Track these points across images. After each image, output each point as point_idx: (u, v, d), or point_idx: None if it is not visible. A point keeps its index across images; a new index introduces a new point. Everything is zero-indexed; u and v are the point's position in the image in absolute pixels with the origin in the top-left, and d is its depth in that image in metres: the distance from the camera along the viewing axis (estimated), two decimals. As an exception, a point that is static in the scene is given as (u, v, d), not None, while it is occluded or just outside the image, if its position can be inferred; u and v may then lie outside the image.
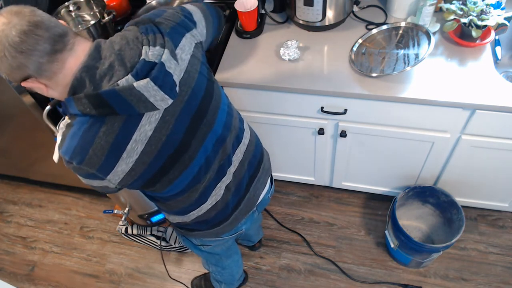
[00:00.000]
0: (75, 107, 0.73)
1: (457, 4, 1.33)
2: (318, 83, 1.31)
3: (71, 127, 0.76)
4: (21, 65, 0.68)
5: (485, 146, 1.36)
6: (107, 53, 0.74)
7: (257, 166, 1.06)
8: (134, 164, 0.79)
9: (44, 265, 1.92)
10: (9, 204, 2.19)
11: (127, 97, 0.72)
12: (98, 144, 0.75)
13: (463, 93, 1.22)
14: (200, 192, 0.94)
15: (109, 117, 0.74)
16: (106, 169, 0.78)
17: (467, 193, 1.65)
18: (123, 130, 0.75)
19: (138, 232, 1.80)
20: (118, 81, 0.72)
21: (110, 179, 0.80)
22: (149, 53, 0.75)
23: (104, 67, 0.73)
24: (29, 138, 1.75)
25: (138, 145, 0.77)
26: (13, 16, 0.67)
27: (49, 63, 0.70)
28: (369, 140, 1.50)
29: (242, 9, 1.45)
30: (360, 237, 1.81)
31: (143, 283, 1.80)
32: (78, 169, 0.78)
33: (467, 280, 1.63)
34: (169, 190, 0.89)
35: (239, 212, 1.06)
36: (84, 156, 0.75)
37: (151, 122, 0.77)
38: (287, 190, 2.01)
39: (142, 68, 0.73)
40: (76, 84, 0.73)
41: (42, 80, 0.72)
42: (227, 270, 1.41)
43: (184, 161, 0.85)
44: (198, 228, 1.05)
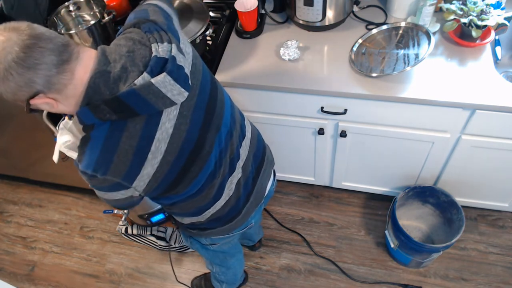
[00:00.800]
0: (93, 116, 0.72)
1: (457, 4, 1.33)
2: (318, 83, 1.31)
3: (88, 140, 0.74)
4: (29, 82, 0.66)
5: (485, 146, 1.36)
6: (115, 56, 0.73)
7: (262, 158, 1.08)
8: (159, 165, 0.78)
9: (44, 265, 1.92)
10: (9, 204, 2.19)
11: (146, 96, 0.71)
12: (123, 150, 0.73)
13: (463, 93, 1.22)
14: (216, 188, 0.94)
15: (130, 119, 0.73)
16: (132, 175, 0.76)
17: (467, 193, 1.65)
18: (145, 130, 0.74)
19: (138, 232, 1.80)
20: (134, 81, 0.72)
21: (135, 186, 0.78)
22: (159, 50, 0.75)
23: (116, 70, 0.72)
24: (29, 138, 1.75)
25: (161, 144, 0.76)
26: (10, 32, 0.65)
27: (58, 75, 0.67)
28: (369, 140, 1.50)
29: (242, 9, 1.45)
30: (360, 237, 1.81)
31: (143, 283, 1.80)
32: (102, 181, 0.76)
33: (467, 280, 1.63)
34: (189, 189, 0.89)
35: (250, 206, 1.07)
36: (109, 165, 0.74)
37: (170, 119, 0.76)
38: (287, 190, 2.01)
39: (156, 64, 0.74)
40: (90, 93, 0.71)
41: (52, 94, 0.69)
42: (231, 269, 1.42)
43: (203, 157, 0.85)
44: (212, 226, 1.05)
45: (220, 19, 1.60)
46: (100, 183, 0.77)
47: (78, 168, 0.77)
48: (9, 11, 1.34)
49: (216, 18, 1.60)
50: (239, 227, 1.11)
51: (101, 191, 0.81)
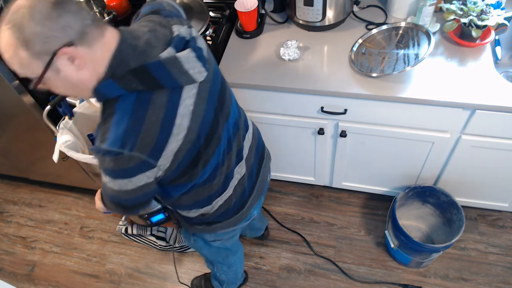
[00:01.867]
0: (118, 87, 0.71)
1: (457, 4, 1.33)
2: (318, 83, 1.32)
3: (113, 114, 0.72)
4: (67, 26, 0.64)
5: (485, 146, 1.36)
6: (139, 33, 0.75)
7: (262, 152, 1.12)
8: (182, 142, 0.77)
9: (44, 265, 1.92)
10: (9, 204, 2.19)
11: (170, 69, 0.73)
12: (149, 121, 0.72)
13: (463, 93, 1.22)
14: (224, 176, 0.96)
15: (155, 91, 0.73)
16: (158, 149, 0.75)
17: (467, 193, 1.65)
18: (170, 103, 0.74)
19: (138, 232, 1.80)
20: (160, 54, 0.73)
21: (160, 165, 0.77)
22: (181, 30, 0.78)
23: (141, 44, 0.73)
24: (29, 138, 1.75)
25: (184, 120, 0.76)
26: None
27: (93, 26, 0.68)
28: (369, 140, 1.50)
29: (242, 9, 1.45)
30: (360, 237, 1.81)
31: (143, 283, 1.80)
32: (128, 160, 0.73)
33: (467, 280, 1.63)
34: (202, 174, 0.89)
35: (253, 198, 1.10)
36: (136, 138, 0.71)
37: (190, 97, 0.77)
38: (287, 190, 2.01)
39: (179, 42, 0.76)
40: (115, 63, 0.71)
41: (82, 49, 0.67)
42: (232, 268, 1.42)
43: (215, 140, 0.86)
44: (218, 219, 1.06)
45: (220, 19, 1.60)
46: (125, 164, 0.73)
47: (99, 151, 0.73)
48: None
49: (216, 18, 1.60)
50: (244, 219, 1.12)
51: (126, 177, 0.76)
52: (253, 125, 1.10)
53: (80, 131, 1.37)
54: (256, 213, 1.18)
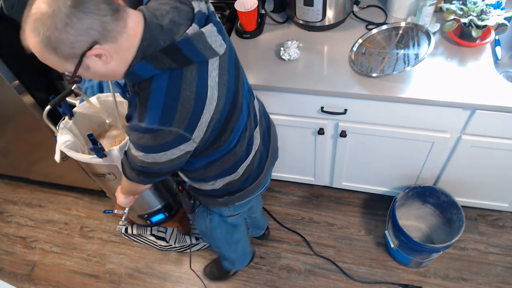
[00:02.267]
0: (152, 67, 0.74)
1: (457, 4, 1.33)
2: (318, 83, 1.32)
3: (149, 94, 0.75)
4: (88, 28, 0.66)
5: (485, 146, 1.36)
6: (161, 12, 0.76)
7: (268, 118, 1.17)
8: (213, 112, 0.81)
9: (44, 265, 1.92)
10: (9, 204, 2.19)
11: (197, 44, 0.75)
12: (185, 96, 0.76)
13: (463, 93, 1.22)
14: (247, 141, 1.00)
15: (185, 67, 0.76)
16: (194, 122, 0.78)
17: (467, 193, 1.65)
18: (199, 77, 0.77)
19: (138, 232, 1.80)
20: (186, 31, 0.75)
21: (195, 137, 0.80)
22: (201, 6, 0.81)
23: (166, 23, 0.75)
24: (29, 138, 1.75)
25: (214, 91, 0.80)
26: None
27: (114, 22, 0.68)
28: (369, 140, 1.50)
29: (242, 9, 1.45)
30: (360, 237, 1.81)
31: (143, 283, 1.80)
32: (167, 135, 0.77)
33: (467, 280, 1.63)
34: (229, 142, 0.92)
35: (268, 162, 1.15)
36: (174, 113, 0.75)
37: (215, 69, 0.81)
38: (287, 190, 2.01)
39: (201, 18, 0.79)
40: (145, 45, 0.73)
41: (107, 45, 0.69)
42: (239, 243, 1.49)
43: (239, 107, 0.90)
44: (241, 186, 1.10)
45: (220, 19, 1.59)
46: (163, 139, 0.77)
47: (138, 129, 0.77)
48: (9, 11, 1.34)
49: (216, 18, 1.60)
50: (261, 186, 1.18)
51: (161, 151, 0.80)
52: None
53: (80, 131, 1.37)
54: (269, 180, 1.25)
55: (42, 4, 0.65)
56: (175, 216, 1.70)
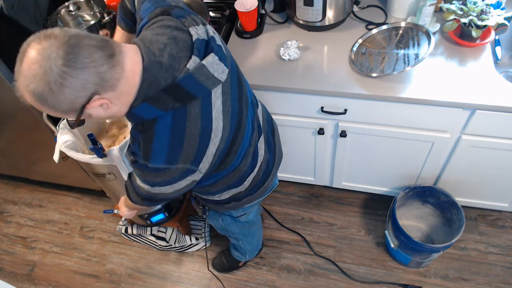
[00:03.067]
0: (155, 109, 0.71)
1: (457, 4, 1.33)
2: (318, 83, 1.31)
3: (153, 135, 0.73)
4: (85, 83, 0.62)
5: (485, 146, 1.36)
6: (159, 45, 0.72)
7: (271, 121, 1.17)
8: (219, 142, 0.80)
9: (44, 265, 1.92)
10: (9, 204, 2.19)
11: (199, 78, 0.73)
12: (190, 134, 0.74)
13: (463, 93, 1.22)
14: (252, 154, 0.99)
15: (189, 104, 0.73)
16: (199, 157, 0.77)
17: (467, 193, 1.65)
18: (203, 111, 0.75)
19: (138, 232, 1.80)
20: (186, 66, 0.72)
21: (201, 168, 0.80)
22: (199, 32, 0.76)
23: (165, 59, 0.71)
24: (29, 138, 1.75)
25: (218, 122, 0.78)
26: (46, 39, 0.61)
27: (110, 70, 0.65)
28: (369, 140, 1.50)
29: (242, 9, 1.45)
30: (360, 237, 1.81)
31: (143, 283, 1.80)
32: (174, 172, 0.76)
33: (467, 280, 1.63)
34: (234, 162, 0.91)
35: (275, 167, 1.15)
36: (180, 152, 0.74)
37: (218, 97, 0.78)
38: (287, 190, 2.01)
39: (200, 47, 0.75)
40: (146, 86, 0.70)
41: (106, 94, 0.67)
42: (255, 236, 1.53)
43: (242, 127, 0.89)
44: (250, 194, 1.10)
45: (220, 19, 1.60)
46: (170, 175, 0.77)
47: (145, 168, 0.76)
48: (9, 11, 1.34)
49: (216, 18, 1.60)
50: (269, 189, 1.18)
51: (168, 185, 0.80)
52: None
53: (80, 131, 1.37)
54: (277, 181, 1.26)
55: (33, 64, 0.61)
56: (175, 216, 1.70)
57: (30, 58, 0.61)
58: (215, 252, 1.84)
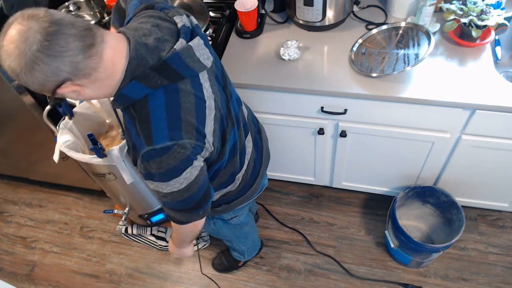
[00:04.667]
0: (143, 87, 0.72)
1: (457, 4, 1.33)
2: (318, 83, 1.31)
3: (149, 113, 0.73)
4: (57, 70, 0.63)
5: (485, 146, 1.36)
6: (144, 31, 0.75)
7: (257, 123, 1.17)
8: (214, 121, 0.80)
9: (44, 265, 1.92)
10: (9, 204, 2.19)
11: (185, 59, 0.74)
12: (185, 108, 0.75)
13: (463, 93, 1.22)
14: (240, 152, 0.99)
15: (179, 82, 0.75)
16: (202, 128, 0.77)
17: (467, 193, 1.65)
18: (195, 89, 0.77)
19: (138, 232, 1.80)
20: (174, 46, 0.74)
21: (208, 140, 0.79)
22: (184, 21, 0.80)
23: (151, 42, 0.73)
24: (29, 138, 1.75)
25: (210, 101, 0.80)
26: (29, 21, 0.62)
27: (86, 60, 0.65)
28: (369, 140, 1.50)
29: (242, 9, 1.45)
30: (360, 237, 1.81)
31: (143, 283, 1.80)
32: (182, 151, 0.74)
33: (467, 280, 1.63)
34: (226, 154, 0.91)
35: (263, 167, 1.15)
36: (180, 124, 0.73)
37: (206, 81, 0.80)
38: (287, 190, 2.01)
39: (186, 32, 0.78)
40: (133, 65, 0.71)
41: (79, 80, 0.67)
42: (249, 237, 1.53)
43: (231, 118, 0.90)
44: (239, 195, 1.11)
45: (220, 19, 1.60)
46: (181, 155, 0.74)
47: (153, 154, 0.73)
48: (9, 11, 1.34)
49: (216, 18, 1.60)
50: (258, 191, 1.18)
51: (181, 173, 0.76)
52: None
53: (80, 131, 1.37)
54: (266, 183, 1.26)
55: (11, 43, 0.62)
56: (175, 216, 1.70)
57: (9, 36, 0.63)
58: (215, 252, 1.84)
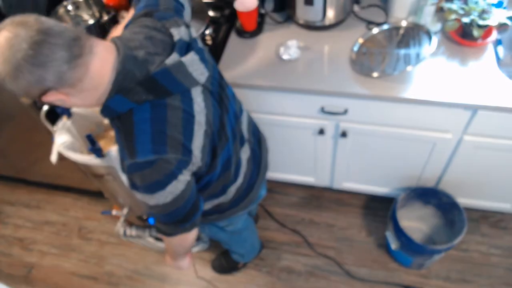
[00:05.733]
0: (128, 101, 0.71)
1: (458, 3, 1.32)
2: (319, 83, 1.31)
3: (133, 127, 0.72)
4: (40, 79, 0.64)
5: (487, 146, 1.35)
6: (135, 43, 0.74)
7: (257, 133, 1.16)
8: (203, 136, 0.79)
9: (42, 267, 1.91)
10: (6, 205, 2.18)
11: (176, 75, 0.73)
12: (171, 123, 0.73)
13: (465, 93, 1.21)
14: (235, 165, 0.99)
15: (167, 98, 0.73)
16: (187, 145, 0.75)
17: (469, 194, 1.64)
18: (184, 104, 0.75)
19: (137, 234, 1.79)
20: (165, 61, 0.73)
21: (195, 155, 0.77)
22: (181, 33, 0.78)
23: (141, 55, 0.72)
24: (27, 138, 1.74)
25: (201, 116, 0.78)
26: (18, 28, 0.62)
27: (71, 70, 0.65)
28: (370, 141, 1.49)
29: (242, 8, 1.44)
30: (361, 238, 1.80)
31: (142, 284, 1.79)
32: (166, 165, 0.72)
33: (469, 282, 1.62)
34: (218, 166, 0.90)
35: (260, 179, 1.14)
36: (164, 139, 0.72)
37: (199, 95, 0.79)
38: (287, 191, 2.00)
39: (182, 46, 0.76)
40: (120, 79, 0.70)
41: (64, 89, 0.67)
42: (247, 241, 1.52)
43: (225, 132, 0.89)
44: (232, 206, 1.10)
45: (219, 18, 1.59)
46: (165, 170, 0.73)
47: (135, 167, 0.72)
48: (8, 11, 1.33)
49: (216, 18, 1.59)
50: (254, 201, 1.17)
51: (166, 186, 0.75)
52: (244, 108, 1.12)
53: (78, 131, 1.36)
54: (264, 193, 1.24)
55: (1, 46, 0.62)
56: (174, 217, 1.69)
57: None
58: (215, 253, 1.83)
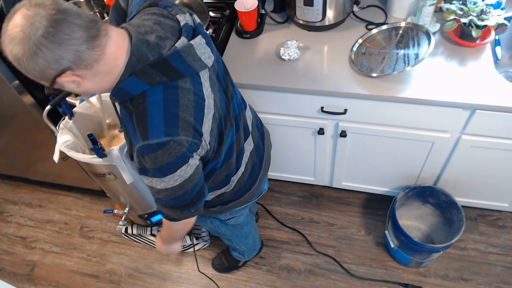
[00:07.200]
0: (142, 83, 0.72)
1: (457, 4, 1.33)
2: (318, 83, 1.31)
3: (146, 109, 0.73)
4: (59, 58, 0.64)
5: (485, 146, 1.36)
6: (146, 28, 0.76)
7: (261, 127, 1.17)
8: (212, 121, 0.80)
9: (44, 265, 1.92)
10: (9, 204, 2.19)
11: (186, 57, 0.75)
12: (184, 105, 0.74)
13: (463, 93, 1.22)
14: (236, 155, 0.99)
15: (179, 80, 0.75)
16: (198, 128, 0.76)
17: (467, 193, 1.65)
18: (194, 87, 0.77)
19: (138, 232, 1.80)
20: (175, 44, 0.75)
21: (205, 138, 0.78)
22: (187, 19, 0.80)
23: (152, 39, 0.74)
24: (29, 138, 1.75)
25: (210, 100, 0.80)
26: (37, 8, 0.63)
27: (89, 51, 0.66)
28: (369, 140, 1.50)
29: (242, 9, 1.45)
30: (360, 237, 1.81)
31: (143, 283, 1.80)
32: (178, 147, 0.73)
33: (467, 280, 1.63)
34: (223, 153, 0.91)
35: (263, 172, 1.15)
36: (177, 121, 0.73)
37: (206, 80, 0.80)
38: (287, 190, 2.01)
39: (188, 30, 0.79)
40: (134, 61, 0.71)
41: (80, 71, 0.68)
42: (249, 237, 1.52)
43: (230, 119, 0.90)
44: (235, 198, 1.11)
45: (220, 19, 1.60)
46: (177, 152, 0.74)
47: (148, 148, 0.73)
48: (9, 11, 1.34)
49: (216, 18, 1.60)
50: (256, 194, 1.18)
51: (177, 169, 0.76)
52: (247, 102, 1.14)
53: (80, 131, 1.37)
54: (266, 187, 1.25)
55: (16, 27, 0.63)
56: (175, 216, 1.70)
57: (15, 21, 0.63)
58: (215, 252, 1.84)
